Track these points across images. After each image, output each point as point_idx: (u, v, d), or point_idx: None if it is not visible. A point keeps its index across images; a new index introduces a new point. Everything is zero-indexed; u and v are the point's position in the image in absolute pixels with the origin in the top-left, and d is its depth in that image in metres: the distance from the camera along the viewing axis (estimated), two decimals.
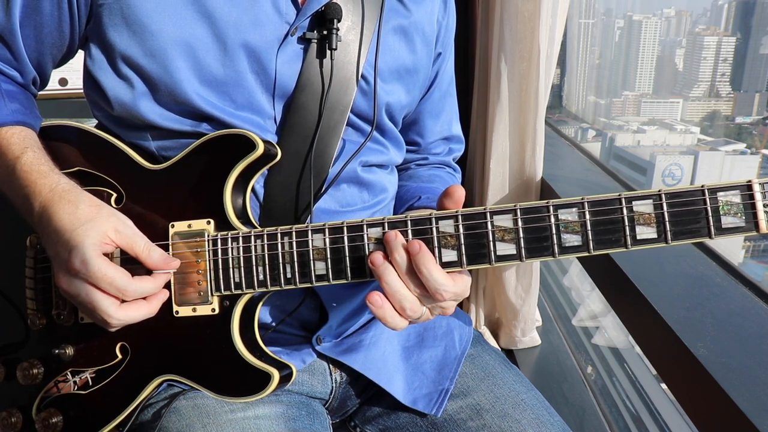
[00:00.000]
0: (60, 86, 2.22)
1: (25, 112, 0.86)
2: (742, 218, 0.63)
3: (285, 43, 0.85)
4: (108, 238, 0.74)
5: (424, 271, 0.69)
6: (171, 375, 0.82)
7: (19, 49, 0.85)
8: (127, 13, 0.81)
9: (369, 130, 0.93)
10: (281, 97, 0.87)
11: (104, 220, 0.75)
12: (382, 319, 0.72)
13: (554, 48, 1.47)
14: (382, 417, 0.98)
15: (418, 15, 0.97)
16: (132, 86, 0.84)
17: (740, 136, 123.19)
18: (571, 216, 0.67)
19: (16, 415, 0.87)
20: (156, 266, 0.77)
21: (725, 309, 0.94)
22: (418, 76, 0.99)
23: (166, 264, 0.78)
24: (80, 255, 0.71)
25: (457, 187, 0.72)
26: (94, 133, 0.88)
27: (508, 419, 0.89)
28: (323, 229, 0.74)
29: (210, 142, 0.82)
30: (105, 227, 0.74)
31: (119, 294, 0.73)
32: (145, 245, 0.77)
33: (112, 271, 0.72)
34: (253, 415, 0.84)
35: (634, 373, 1.91)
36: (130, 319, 0.75)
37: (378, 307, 0.71)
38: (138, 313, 0.76)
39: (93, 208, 0.76)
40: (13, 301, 0.89)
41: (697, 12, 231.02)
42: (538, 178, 1.57)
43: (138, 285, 0.74)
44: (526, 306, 1.75)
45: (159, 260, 0.77)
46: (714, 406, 0.76)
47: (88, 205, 0.76)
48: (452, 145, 1.16)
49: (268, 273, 0.77)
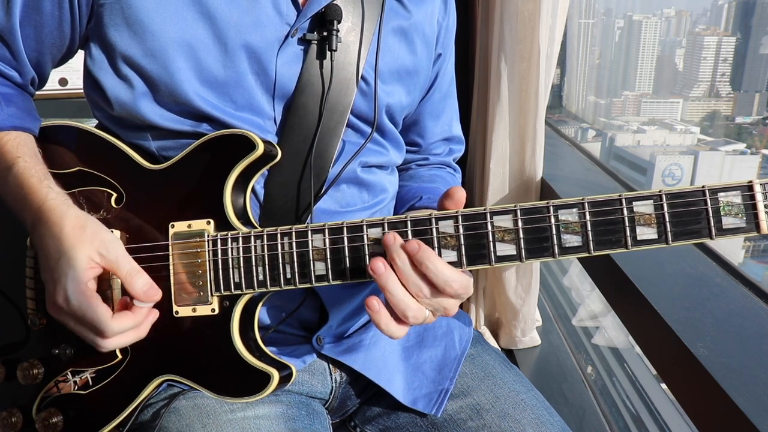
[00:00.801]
0: (60, 86, 2.22)
1: (21, 116, 0.86)
2: (743, 219, 0.63)
3: (285, 44, 0.85)
4: (93, 262, 0.74)
5: (429, 266, 0.68)
6: (171, 375, 0.82)
7: (18, 49, 0.85)
8: (127, 13, 0.81)
9: (369, 131, 0.93)
10: (281, 98, 0.87)
11: (87, 244, 0.74)
12: (377, 325, 0.71)
13: (554, 48, 1.47)
14: (382, 417, 0.98)
15: (419, 16, 0.97)
16: (132, 86, 0.84)
17: (740, 136, 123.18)
18: (571, 216, 0.67)
19: (17, 415, 0.87)
20: (136, 295, 0.76)
21: (725, 309, 0.94)
22: (418, 78, 0.99)
23: (145, 295, 0.77)
24: (62, 292, 0.72)
25: (458, 188, 0.71)
26: (94, 133, 0.88)
27: (508, 419, 0.89)
28: (323, 230, 0.74)
29: (210, 142, 0.82)
30: (89, 252, 0.74)
31: (99, 334, 0.74)
32: (128, 271, 0.76)
33: (90, 311, 0.72)
34: (252, 415, 0.84)
35: (634, 373, 1.91)
36: (119, 345, 0.77)
37: (375, 312, 0.70)
38: (126, 340, 0.76)
39: (76, 231, 0.75)
40: (14, 300, 0.89)
41: (697, 12, 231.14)
42: (538, 178, 1.57)
43: (117, 325, 0.74)
44: (526, 306, 1.75)
45: (140, 290, 0.76)
46: (714, 406, 0.76)
47: (72, 227, 0.75)
48: (453, 145, 1.16)
49: (268, 273, 0.77)
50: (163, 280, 0.81)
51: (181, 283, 0.80)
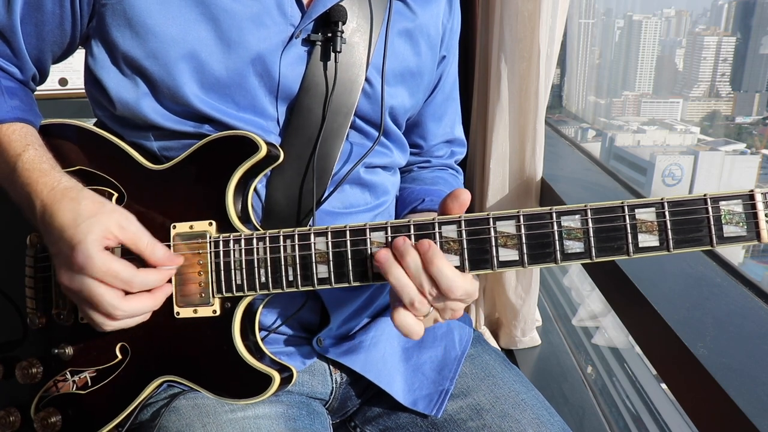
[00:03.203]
0: (60, 86, 2.21)
1: (25, 109, 0.86)
2: (743, 227, 0.63)
3: (289, 45, 0.85)
4: (111, 234, 0.74)
5: (435, 268, 0.69)
6: (171, 376, 0.82)
7: (19, 46, 0.85)
8: (130, 14, 0.81)
9: (372, 133, 0.93)
10: (285, 99, 0.87)
11: (107, 215, 0.75)
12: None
13: (554, 48, 1.47)
14: (383, 417, 0.98)
15: (424, 18, 0.97)
16: (135, 86, 0.83)
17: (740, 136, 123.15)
18: (573, 223, 0.67)
19: (15, 414, 0.87)
20: (159, 263, 0.77)
21: (725, 309, 0.94)
22: (422, 79, 0.99)
23: (169, 261, 0.78)
24: (83, 251, 0.71)
25: (464, 190, 0.71)
26: (96, 132, 0.88)
27: (508, 419, 0.89)
28: (326, 233, 0.74)
29: (213, 143, 0.82)
30: (108, 223, 0.74)
31: (125, 286, 0.73)
32: (149, 242, 0.77)
33: (117, 264, 0.72)
34: (253, 415, 0.84)
35: (634, 373, 1.91)
36: (134, 310, 0.75)
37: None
38: (143, 305, 0.75)
39: (96, 204, 0.75)
40: (13, 299, 0.89)
41: (697, 12, 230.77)
42: (538, 178, 1.57)
43: (144, 276, 0.75)
44: (526, 306, 1.75)
45: (162, 257, 0.77)
46: (714, 406, 0.76)
47: (90, 201, 0.75)
48: (455, 147, 1.16)
49: (270, 276, 0.77)
50: None
51: (182, 284, 0.80)
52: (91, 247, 0.71)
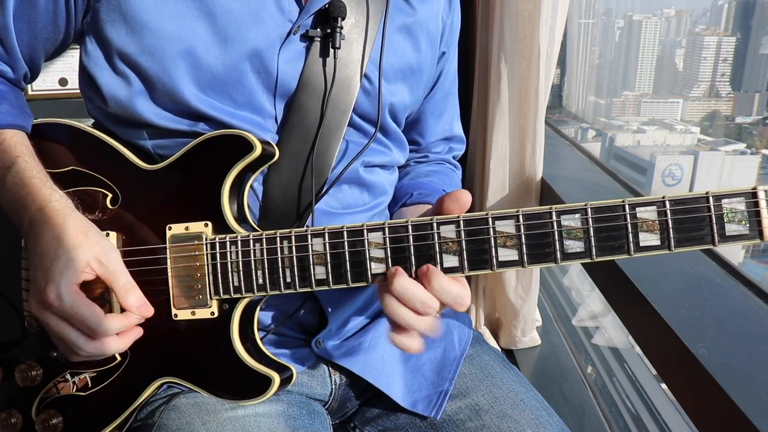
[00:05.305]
0: (60, 86, 2.21)
1: (15, 113, 0.85)
2: (746, 226, 0.62)
3: (287, 41, 0.84)
4: (89, 267, 0.74)
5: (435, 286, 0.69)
6: (171, 378, 0.82)
7: (11, 45, 0.84)
8: (125, 10, 0.80)
9: (371, 131, 0.92)
10: (282, 96, 0.86)
11: (89, 249, 0.74)
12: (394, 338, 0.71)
13: (554, 48, 1.47)
14: (382, 418, 0.97)
15: (423, 14, 0.96)
16: (128, 84, 0.82)
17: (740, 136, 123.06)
18: (573, 222, 0.66)
19: (16, 416, 0.86)
20: (130, 309, 0.77)
21: (725, 309, 0.94)
22: (422, 76, 0.98)
23: (139, 310, 0.77)
24: (55, 290, 0.71)
25: (465, 192, 0.70)
26: (88, 132, 0.87)
27: (507, 420, 0.89)
28: (323, 234, 0.74)
29: (207, 143, 0.81)
30: (87, 257, 0.73)
31: (89, 332, 0.73)
32: (124, 284, 0.76)
33: (84, 309, 0.72)
34: (253, 413, 0.83)
35: (634, 373, 1.91)
36: (98, 353, 0.75)
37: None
38: (106, 348, 0.75)
39: (79, 235, 0.74)
40: (12, 301, 0.89)
41: (697, 12, 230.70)
42: (538, 178, 1.56)
43: (109, 324, 0.74)
44: (526, 306, 1.75)
45: (133, 304, 0.77)
46: (714, 406, 0.76)
47: (74, 231, 0.74)
48: (453, 144, 1.15)
49: (268, 277, 0.76)
50: (162, 283, 0.80)
51: (179, 287, 0.80)
52: (62, 288, 0.71)
